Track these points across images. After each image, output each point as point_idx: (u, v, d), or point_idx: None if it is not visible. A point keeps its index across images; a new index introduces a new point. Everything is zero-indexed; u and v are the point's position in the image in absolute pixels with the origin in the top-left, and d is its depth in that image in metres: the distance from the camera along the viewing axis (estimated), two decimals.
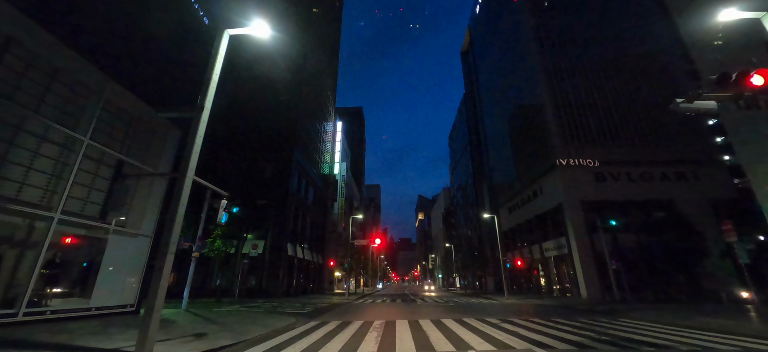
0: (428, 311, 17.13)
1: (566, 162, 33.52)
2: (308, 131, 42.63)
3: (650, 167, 33.13)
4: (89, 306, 11.81)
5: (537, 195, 38.77)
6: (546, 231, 36.81)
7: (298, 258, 35.73)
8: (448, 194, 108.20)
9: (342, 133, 58.95)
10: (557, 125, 35.39)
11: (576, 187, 32.44)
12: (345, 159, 63.97)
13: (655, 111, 35.81)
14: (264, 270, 30.11)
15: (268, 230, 31.58)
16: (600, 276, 28.83)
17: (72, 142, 11.45)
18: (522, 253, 42.60)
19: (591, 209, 31.50)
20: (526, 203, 41.82)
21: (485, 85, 62.17)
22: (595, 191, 32.29)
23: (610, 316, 14.90)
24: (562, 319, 13.42)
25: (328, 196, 51.85)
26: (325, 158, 52.34)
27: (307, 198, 40.48)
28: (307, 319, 13.69)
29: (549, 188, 35.91)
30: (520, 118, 45.13)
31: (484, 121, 63.06)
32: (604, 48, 39.32)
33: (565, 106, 36.40)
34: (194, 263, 16.90)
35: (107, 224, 12.68)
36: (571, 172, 33.19)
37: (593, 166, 33.26)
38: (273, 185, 33.55)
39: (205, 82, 8.59)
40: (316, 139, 47.38)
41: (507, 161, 50.25)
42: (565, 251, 32.06)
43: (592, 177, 32.89)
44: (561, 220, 33.03)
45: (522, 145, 44.28)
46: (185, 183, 7.57)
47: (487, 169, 60.84)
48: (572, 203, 31.76)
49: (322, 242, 48.64)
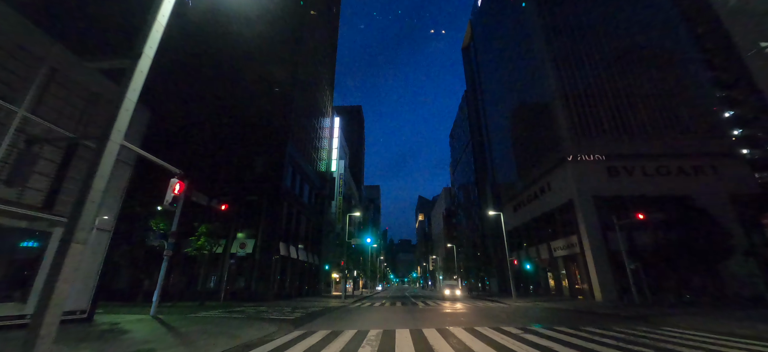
0: (432, 318, 15.07)
1: (577, 156, 31.51)
2: (304, 126, 40.63)
3: (666, 161, 31.14)
4: (23, 313, 9.75)
5: (544, 192, 36.75)
6: (555, 229, 34.78)
7: (292, 259, 33.64)
8: (448, 193, 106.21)
9: (340, 129, 56.93)
10: (566, 118, 33.40)
11: (588, 182, 30.44)
12: (343, 157, 61.96)
13: (669, 102, 33.87)
14: (254, 271, 28.01)
15: (258, 228, 29.49)
16: (616, 277, 26.79)
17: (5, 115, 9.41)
18: (528, 253, 40.54)
19: (604, 206, 29.51)
20: (533, 200, 39.80)
21: (488, 81, 60.25)
22: (608, 186, 30.28)
23: (646, 322, 12.85)
24: (592, 327, 11.38)
25: (326, 194, 49.78)
26: (322, 155, 50.31)
27: (302, 195, 38.43)
28: (291, 327, 11.63)
29: (558, 184, 33.90)
30: (525, 112, 43.16)
31: (486, 118, 61.09)
32: (614, 37, 37.40)
33: (574, 97, 34.43)
34: (167, 263, 14.84)
35: (55, 216, 10.64)
36: (582, 166, 31.18)
37: (605, 160, 31.26)
38: (265, 181, 31.49)
39: (147, 23, 6.55)
40: (312, 136, 45.37)
41: (511, 158, 48.26)
42: (577, 250, 30.02)
43: (604, 171, 30.89)
44: (571, 217, 31.01)
45: (528, 141, 42.29)
46: (107, 149, 5.54)
47: (490, 166, 58.84)
48: (584, 199, 29.74)
49: (319, 242, 46.55)
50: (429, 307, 22.21)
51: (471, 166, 69.06)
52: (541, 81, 38.36)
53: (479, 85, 65.77)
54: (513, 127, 47.81)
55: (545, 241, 36.22)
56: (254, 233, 29.42)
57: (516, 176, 46.10)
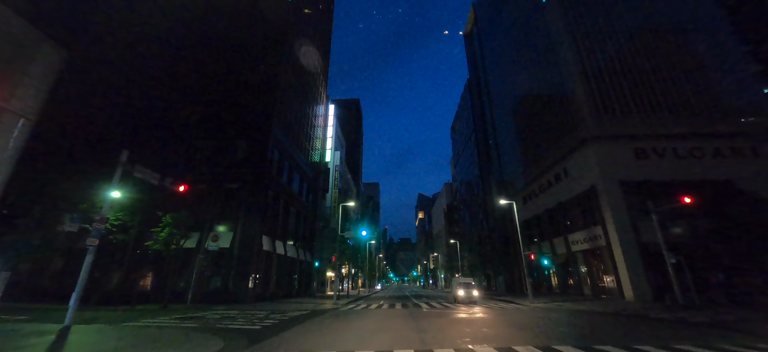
0: (443, 328, 11.44)
1: (600, 137, 27.86)
2: (293, 108, 36.89)
3: (699, 142, 27.46)
4: None
5: (560, 179, 33.08)
6: (573, 221, 31.16)
7: (279, 255, 29.96)
8: (450, 188, 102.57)
9: (334, 118, 53.13)
10: (587, 95, 29.72)
11: (613, 165, 26.78)
12: (339, 148, 58.24)
13: (701, 77, 30.20)
14: (231, 269, 24.32)
15: (238, 219, 25.79)
16: (650, 273, 23.15)
17: None
18: (541, 248, 36.89)
19: (631, 192, 25.87)
20: (546, 190, 36.13)
21: (493, 65, 56.47)
22: (635, 170, 26.63)
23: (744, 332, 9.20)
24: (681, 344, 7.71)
25: (319, 187, 46.06)
26: (315, 145, 46.55)
27: (291, 185, 34.71)
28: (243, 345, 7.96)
29: (576, 169, 30.24)
30: (537, 94, 39.45)
31: (491, 105, 57.35)
32: (638, 5, 33.67)
33: (595, 74, 30.72)
34: (91, 255, 11.07)
35: None
36: (606, 148, 27.52)
37: (632, 141, 27.60)
38: (247, 167, 27.76)
39: None
40: (304, 124, 41.64)
41: (520, 146, 44.56)
42: (601, 242, 26.39)
43: (631, 153, 27.23)
44: (594, 206, 27.36)
45: (540, 125, 38.60)
46: None
47: (496, 156, 55.14)
48: (609, 185, 26.09)
49: (312, 238, 42.87)
50: (435, 310, 18.55)
51: (474, 157, 65.34)
52: (555, 58, 34.65)
53: (483, 71, 62.01)
54: (522, 112, 44.08)
55: (561, 234, 32.57)
56: (234, 226, 25.72)
57: (526, 164, 42.41)
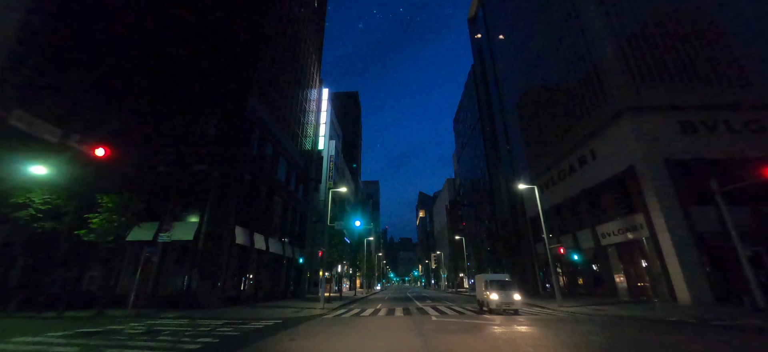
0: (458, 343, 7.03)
1: (638, 107, 23.44)
2: (281, 88, 32.50)
3: (756, 113, 23.02)
4: None
5: (585, 163, 28.65)
6: (603, 210, 26.71)
7: (259, 250, 25.57)
8: (452, 184, 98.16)
9: (329, 103, 48.71)
10: (620, 61, 25.30)
11: (655, 141, 22.35)
12: (334, 138, 53.81)
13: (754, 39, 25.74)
14: (195, 267, 19.92)
15: (205, 207, 21.40)
16: (715, 271, 18.72)
17: None
18: (560, 241, 32.40)
19: (679, 173, 21.46)
20: (567, 176, 31.69)
21: (501, 47, 51.95)
22: (682, 147, 22.19)
23: None
24: None
25: (312, 177, 41.69)
26: (307, 131, 42.16)
27: (277, 171, 30.32)
28: None
29: (607, 149, 25.81)
30: (555, 68, 34.99)
31: (500, 90, 52.84)
32: None
33: (628, 36, 26.29)
34: None
35: None
36: (646, 121, 23.09)
37: (677, 112, 23.17)
38: (221, 145, 23.37)
39: None
40: (294, 105, 37.28)
41: (534, 130, 40.12)
42: (642, 233, 21.98)
43: (676, 127, 22.78)
44: (632, 190, 22.94)
45: (558, 105, 34.16)
46: None
47: (505, 144, 50.67)
48: (653, 164, 21.67)
49: (303, 234, 38.50)
50: (446, 318, 14.15)
51: (480, 148, 60.85)
52: (579, 23, 30.20)
53: (489, 54, 57.54)
54: (536, 93, 39.64)
55: (587, 226, 28.13)
56: (200, 215, 21.33)
57: (541, 151, 37.95)
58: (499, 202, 50.58)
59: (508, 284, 16.48)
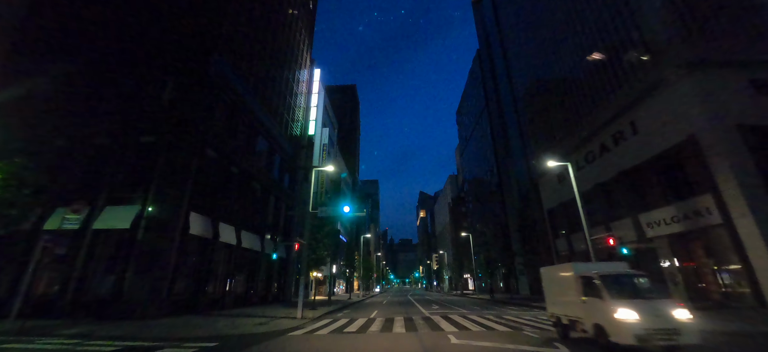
0: None
1: (697, 62, 18.77)
2: (260, 55, 27.87)
3: None
4: None
5: (623, 139, 23.94)
6: (647, 194, 21.99)
7: (226, 244, 20.84)
8: (455, 180, 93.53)
9: (321, 84, 44.05)
10: (669, 10, 20.64)
11: (723, 104, 17.68)
12: (328, 126, 49.13)
13: None
14: (129, 263, 15.17)
15: (149, 187, 16.67)
16: None
17: None
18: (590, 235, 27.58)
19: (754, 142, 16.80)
20: (597, 157, 27.00)
21: (511, 23, 47.34)
22: (757, 111, 17.52)
23: None
24: None
25: (300, 165, 37.00)
26: (295, 115, 37.53)
27: (253, 151, 25.63)
28: None
29: (654, 119, 21.11)
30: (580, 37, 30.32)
31: (509, 71, 48.22)
32: None
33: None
34: None
35: None
36: (709, 79, 18.43)
37: (745, 69, 18.52)
38: (175, 112, 18.67)
39: None
40: (278, 81, 32.72)
41: (553, 109, 35.43)
42: (710, 220, 17.27)
43: (747, 87, 18.12)
44: (692, 167, 18.26)
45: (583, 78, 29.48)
46: None
47: (515, 131, 45.98)
48: (723, 132, 16.98)
49: (289, 230, 33.83)
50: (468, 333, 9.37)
51: (487, 138, 56.21)
52: None
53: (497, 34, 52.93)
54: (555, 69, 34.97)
55: (625, 215, 23.43)
56: (143, 197, 16.60)
57: (561, 132, 33.25)
58: (510, 194, 45.88)
59: (647, 288, 7.93)
